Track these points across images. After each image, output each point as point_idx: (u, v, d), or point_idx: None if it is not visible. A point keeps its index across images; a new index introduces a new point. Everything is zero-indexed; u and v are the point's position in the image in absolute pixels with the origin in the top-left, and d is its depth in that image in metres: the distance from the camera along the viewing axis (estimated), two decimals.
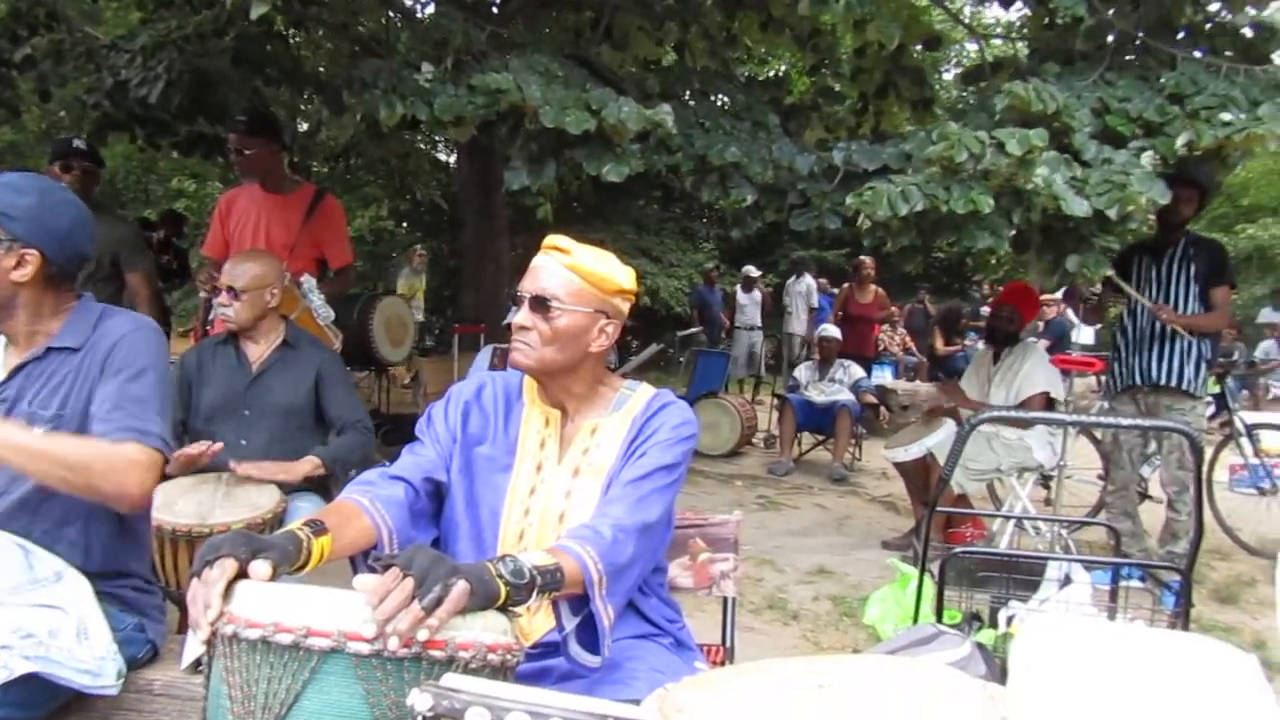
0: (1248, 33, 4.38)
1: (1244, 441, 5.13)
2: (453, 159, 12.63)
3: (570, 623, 1.43)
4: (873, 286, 8.85)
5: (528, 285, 1.61)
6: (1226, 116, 3.66)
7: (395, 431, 5.85)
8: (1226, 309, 4.38)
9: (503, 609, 1.23)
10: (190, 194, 14.75)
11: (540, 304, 1.59)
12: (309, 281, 3.53)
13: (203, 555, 1.18)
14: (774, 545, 4.97)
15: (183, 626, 2.19)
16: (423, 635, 1.09)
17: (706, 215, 15.75)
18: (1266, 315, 12.33)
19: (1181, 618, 2.01)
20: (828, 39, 5.55)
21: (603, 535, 1.43)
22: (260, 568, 1.17)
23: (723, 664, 1.98)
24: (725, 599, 2.07)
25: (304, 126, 8.16)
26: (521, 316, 1.59)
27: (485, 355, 5.57)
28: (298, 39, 7.36)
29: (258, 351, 2.84)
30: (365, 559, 1.48)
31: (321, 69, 7.36)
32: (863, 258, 8.80)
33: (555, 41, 4.85)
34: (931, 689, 1.07)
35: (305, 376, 2.82)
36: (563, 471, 1.64)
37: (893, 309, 10.71)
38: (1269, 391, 10.71)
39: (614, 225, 13.98)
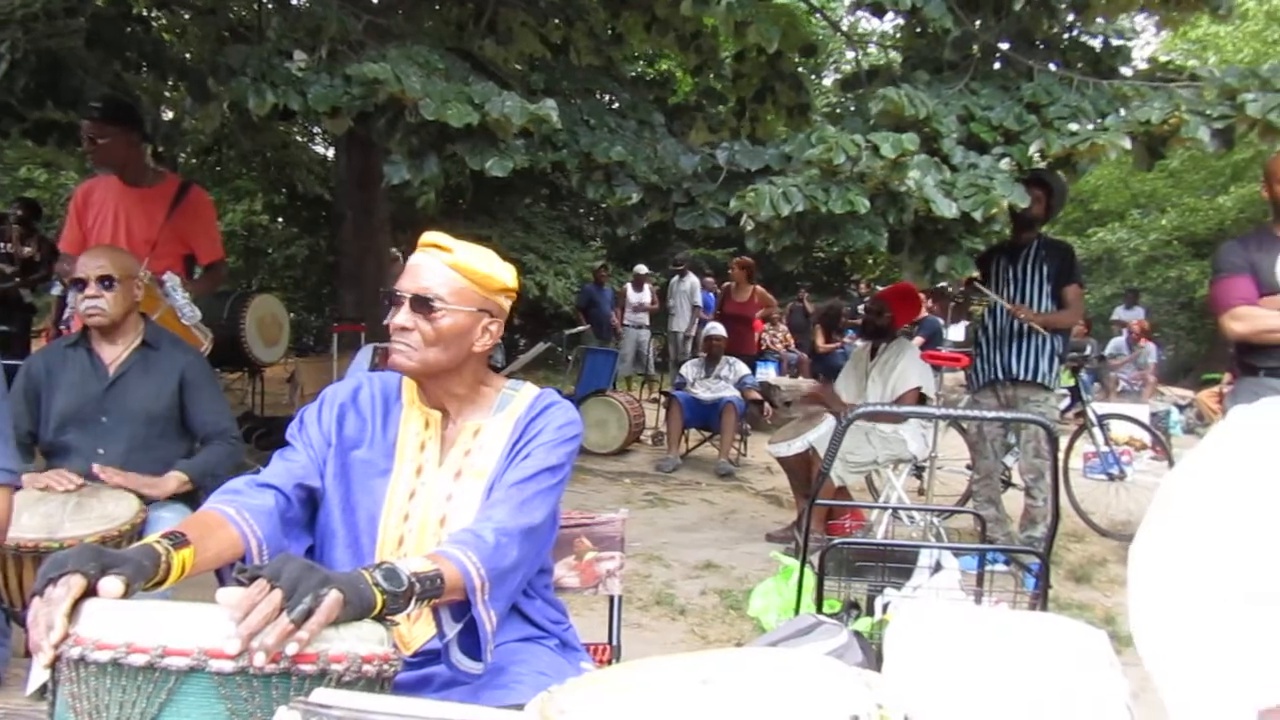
0: (1097, 46, 4.69)
1: (1096, 431, 5.48)
2: (331, 152, 12.22)
3: (451, 629, 1.40)
4: (751, 285, 9.03)
5: (407, 284, 1.56)
6: (1074, 126, 3.90)
7: (269, 435, 5.61)
8: (1078, 306, 4.67)
9: (380, 618, 1.19)
10: (42, 184, 13.76)
11: (422, 304, 1.54)
12: (172, 280, 3.33)
13: (44, 572, 1.10)
14: (662, 541, 5.02)
15: (30, 650, 2.04)
16: (292, 649, 1.04)
17: (594, 213, 15.78)
18: (1118, 313, 13.23)
19: (1040, 599, 2.13)
20: (710, 41, 5.63)
21: (485, 539, 1.40)
22: (111, 584, 1.09)
23: (610, 663, 1.98)
24: (611, 597, 2.07)
25: (169, 115, 7.73)
26: (402, 317, 1.54)
27: (365, 355, 5.40)
28: (161, 21, 6.96)
29: (114, 353, 2.66)
30: (232, 571, 1.41)
31: (189, 55, 6.99)
32: (740, 257, 8.98)
33: (437, 34, 4.75)
34: (809, 679, 1.10)
35: (168, 380, 2.66)
36: (444, 474, 1.60)
37: (774, 307, 10.96)
38: (1119, 384, 11.50)
39: (500, 222, 13.83)
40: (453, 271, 1.56)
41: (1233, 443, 1.41)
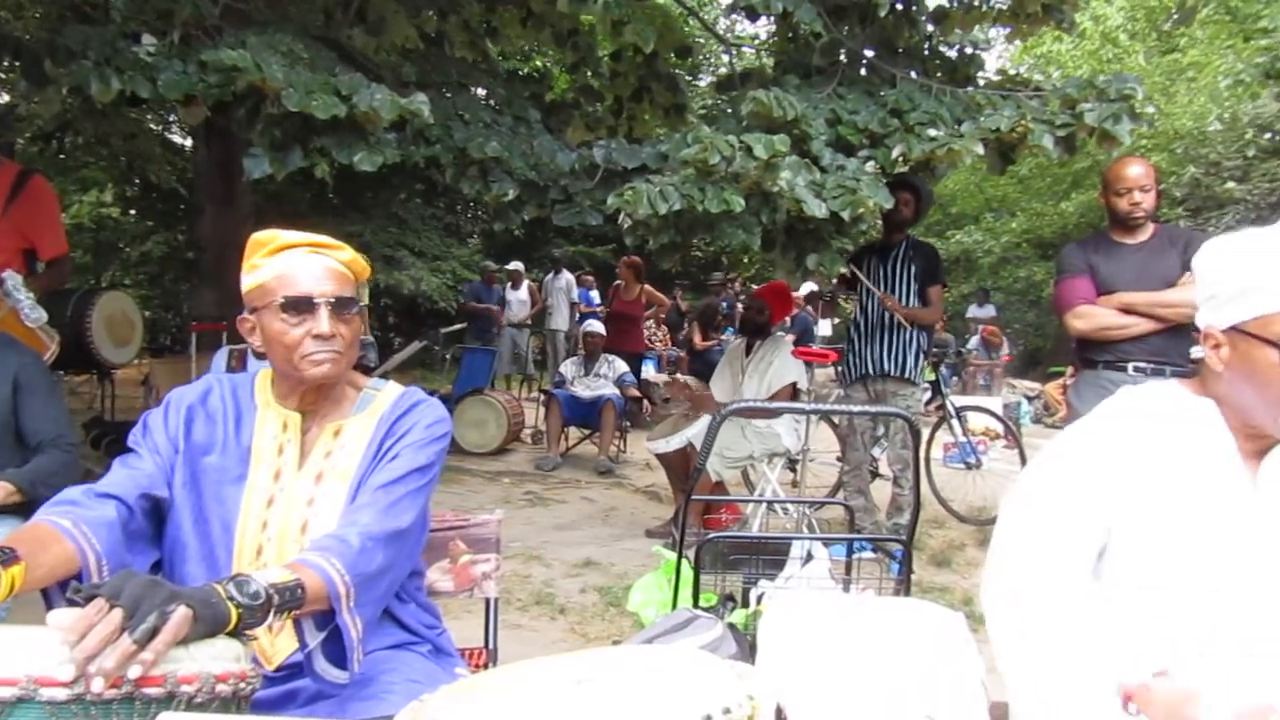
0: (954, 56, 4.94)
1: (954, 423, 5.77)
2: (189, 142, 11.56)
3: (314, 639, 1.34)
4: (639, 284, 9.09)
5: (318, 288, 1.50)
6: (933, 132, 4.09)
7: (120, 442, 5.25)
8: (939, 305, 4.91)
9: (236, 633, 1.13)
10: None
11: (344, 307, 1.51)
12: (13, 278, 3.06)
13: None
14: (542, 540, 4.98)
15: None
16: (134, 672, 0.97)
17: (471, 210, 15.52)
18: (973, 311, 14.00)
19: (904, 584, 2.23)
20: (587, 39, 5.63)
21: (349, 544, 1.35)
22: None
23: (485, 667, 1.95)
24: (488, 600, 2.04)
25: (4, 98, 7.14)
26: (325, 324, 1.49)
27: (222, 357, 5.13)
28: None
29: None
30: (64, 592, 1.31)
31: (29, 35, 6.46)
32: (629, 257, 9.02)
33: (302, 21, 4.54)
34: (682, 674, 1.10)
35: (0, 385, 2.46)
36: (304, 478, 1.53)
37: (665, 306, 11.06)
38: (976, 378, 12.16)
39: (373, 218, 13.43)
40: (348, 270, 1.56)
41: (1097, 430, 1.50)
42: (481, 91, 5.42)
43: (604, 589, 4.12)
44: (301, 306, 1.48)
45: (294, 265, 1.51)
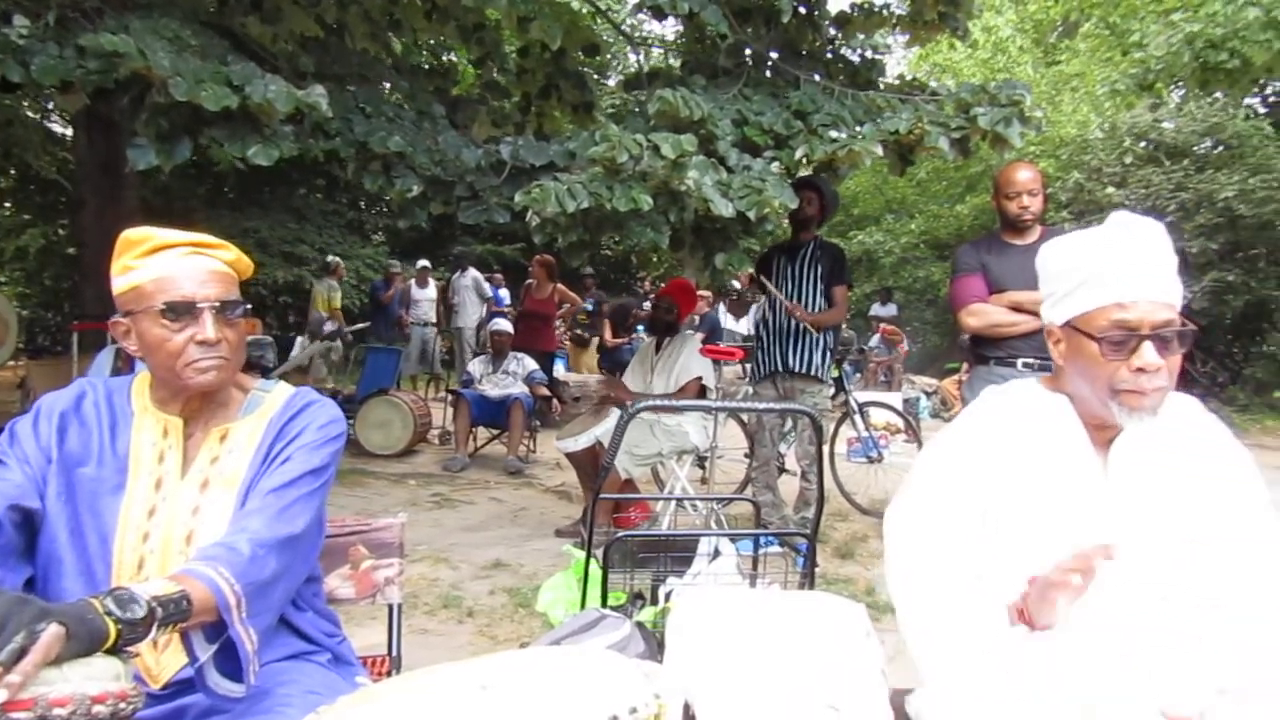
0: (855, 60, 5.07)
1: (857, 418, 5.93)
2: (70, 130, 10.93)
3: (204, 652, 1.28)
4: (552, 283, 9.03)
5: (201, 292, 1.43)
6: (835, 133, 4.19)
7: None
8: (844, 305, 5.01)
9: (115, 650, 1.07)
10: None
11: (229, 311, 1.45)
12: None
13: None
14: (449, 543, 4.90)
15: None
16: (0, 696, 0.90)
17: (375, 206, 15.16)
18: (875, 310, 14.42)
19: (808, 577, 2.27)
20: (493, 34, 5.55)
21: (239, 552, 1.29)
22: None
23: (389, 675, 1.90)
24: (391, 606, 1.99)
25: None
26: (211, 329, 1.42)
27: (107, 357, 4.86)
28: None
29: None
30: None
31: None
32: (541, 255, 8.95)
33: (191, 6, 4.34)
34: (588, 676, 1.09)
35: None
36: (188, 486, 1.46)
37: (578, 305, 11.00)
38: (877, 375, 12.52)
39: (271, 213, 12.97)
40: (232, 271, 1.50)
41: (969, 426, 1.58)
42: (385, 85, 5.29)
43: (513, 590, 4.07)
44: (183, 311, 1.41)
45: (173, 267, 1.43)
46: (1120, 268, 1.38)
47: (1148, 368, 1.36)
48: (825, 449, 5.88)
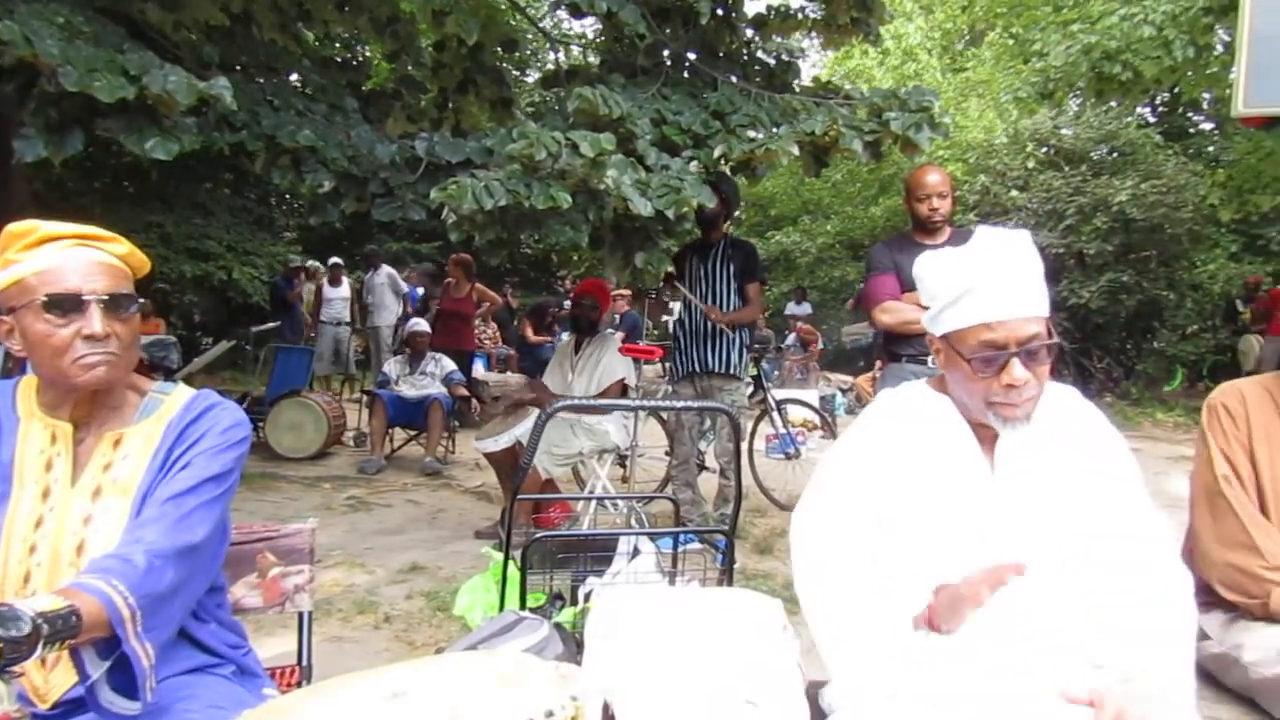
0: (771, 62, 5.14)
1: (775, 415, 6.01)
2: None
3: (97, 669, 1.22)
4: (470, 282, 8.91)
5: (88, 285, 1.36)
6: (752, 134, 4.24)
7: None
8: (758, 302, 5.08)
9: None
10: None
11: (119, 305, 1.38)
12: None
13: None
14: (365, 547, 4.79)
15: None
16: None
17: (285, 202, 14.71)
18: (791, 309, 14.67)
19: (727, 574, 2.29)
20: (408, 27, 5.44)
21: (134, 563, 1.23)
22: None
23: (298, 685, 1.84)
24: (301, 614, 1.92)
25: None
26: (98, 323, 1.35)
27: None
28: None
29: None
30: None
31: None
32: (459, 254, 8.82)
33: None
34: (503, 680, 1.08)
35: None
36: (79, 495, 1.39)
37: (496, 304, 10.88)
38: (793, 372, 12.74)
39: (176, 208, 12.46)
40: (123, 264, 1.43)
41: (866, 429, 1.63)
42: (294, 78, 5.14)
43: (431, 594, 4.00)
44: (68, 305, 1.34)
45: (58, 260, 1.36)
46: (986, 289, 1.43)
47: (1016, 383, 1.43)
48: (744, 446, 5.95)
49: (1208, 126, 15.25)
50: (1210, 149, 14.44)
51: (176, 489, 1.37)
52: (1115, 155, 11.90)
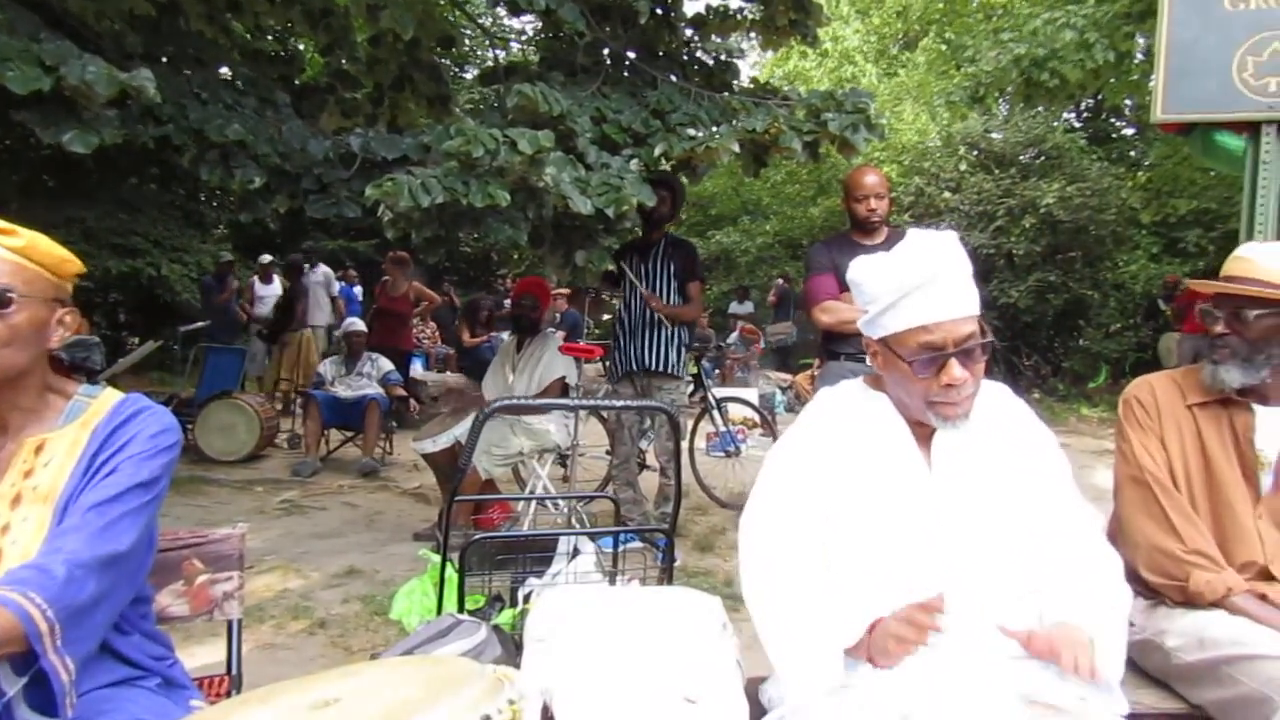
0: (711, 63, 5.16)
1: (716, 413, 6.05)
2: None
3: (12, 685, 1.17)
4: (407, 280, 8.78)
5: None
6: (693, 132, 4.25)
7: None
8: (699, 300, 5.10)
9: None
10: None
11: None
12: None
13: None
14: (300, 551, 4.68)
15: None
16: None
17: (216, 198, 14.30)
18: (733, 308, 14.79)
19: (667, 572, 2.29)
20: (341, 20, 5.32)
21: (53, 574, 1.18)
22: None
23: (228, 695, 1.78)
24: (230, 622, 1.87)
25: None
26: None
27: None
28: None
29: None
30: None
31: None
32: (396, 252, 8.68)
33: None
34: (439, 686, 1.06)
35: None
36: None
37: (434, 302, 10.74)
38: (734, 371, 12.84)
39: (99, 204, 12.01)
40: (21, 258, 1.35)
41: (807, 428, 1.65)
42: (223, 70, 4.99)
43: (368, 598, 3.93)
44: None
45: None
46: (922, 293, 1.46)
47: (955, 382, 1.46)
48: (685, 444, 5.98)
49: (1129, 132, 15.79)
50: (1132, 154, 14.98)
51: (101, 496, 1.31)
52: (1043, 159, 12.26)
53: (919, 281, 1.45)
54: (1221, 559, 1.83)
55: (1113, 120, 16.01)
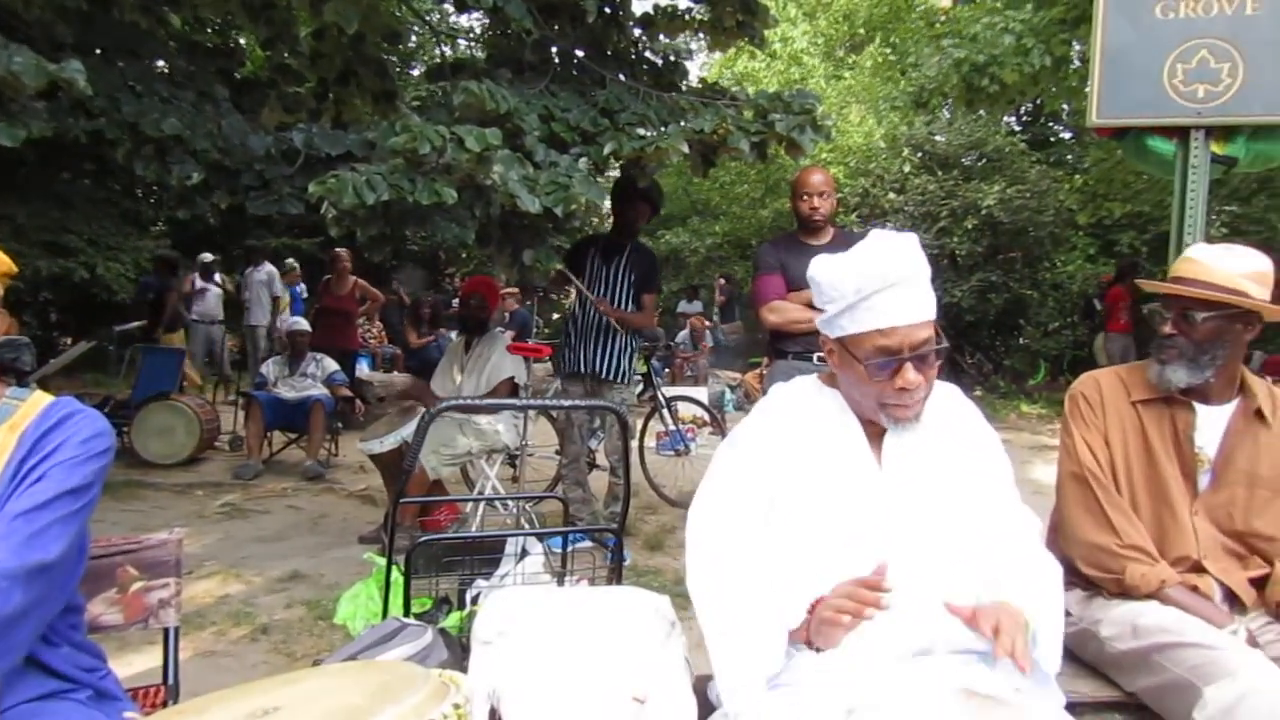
0: (659, 62, 5.17)
1: (665, 413, 6.07)
2: None
3: None
4: (351, 278, 8.64)
5: None
6: (642, 131, 4.25)
7: None
8: (651, 312, 5.08)
9: None
10: None
11: None
12: None
13: None
14: (241, 555, 4.58)
15: None
16: None
17: (154, 194, 13.91)
18: (682, 307, 14.85)
19: (616, 572, 2.28)
20: (283, 13, 5.20)
21: None
22: None
23: (163, 706, 1.73)
24: (167, 630, 1.82)
25: None
26: None
27: None
28: None
29: None
30: None
31: None
32: (338, 249, 8.54)
33: None
34: (382, 692, 1.04)
35: None
36: None
37: (379, 301, 10.58)
38: (684, 370, 12.88)
39: (30, 200, 11.59)
40: None
41: (758, 423, 1.66)
42: (160, 63, 4.85)
43: (312, 602, 3.86)
44: None
45: None
46: (881, 297, 1.47)
47: (909, 386, 1.48)
48: (634, 443, 5.98)
49: (1067, 136, 16.20)
50: (1069, 157, 15.36)
51: (29, 504, 1.26)
52: (984, 161, 12.53)
53: (878, 285, 1.46)
54: (1156, 553, 1.88)
55: (1051, 124, 16.41)
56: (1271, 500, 1.87)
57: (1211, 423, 1.92)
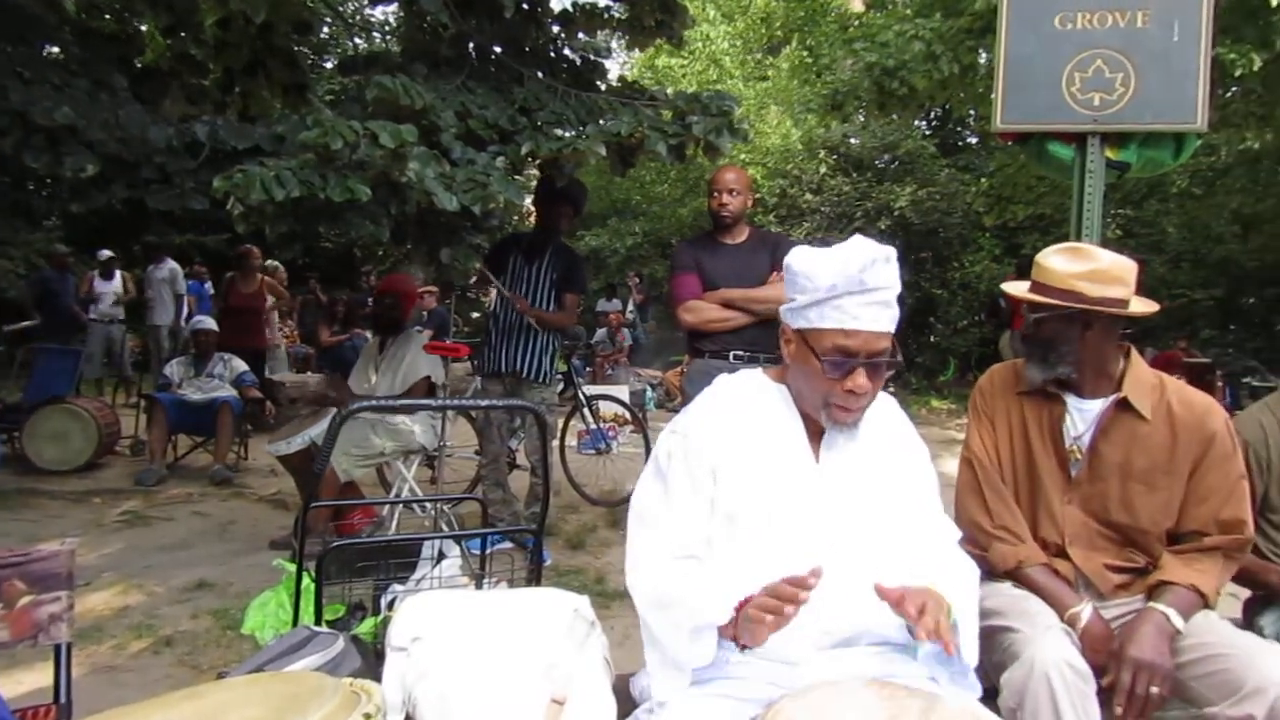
0: (578, 61, 5.15)
1: (586, 411, 6.05)
2: None
3: None
4: (259, 275, 8.37)
5: None
6: (560, 131, 4.22)
7: None
8: (572, 312, 5.06)
9: None
10: None
11: None
12: None
13: None
14: (143, 565, 4.39)
15: None
16: None
17: (46, 187, 13.21)
18: (602, 305, 14.84)
19: (535, 573, 2.26)
20: (185, 1, 5.00)
21: None
22: None
23: None
24: (58, 646, 1.73)
25: None
26: None
27: None
28: None
29: None
30: None
31: None
32: (248, 246, 8.25)
33: None
34: (285, 704, 1.00)
35: None
36: None
37: (286, 298, 10.27)
38: (604, 368, 12.88)
39: None
40: None
41: (702, 413, 1.66)
42: (52, 49, 4.61)
43: (219, 612, 3.72)
44: None
45: None
46: (851, 299, 1.49)
47: (858, 390, 1.51)
48: (555, 443, 5.95)
49: (974, 140, 16.77)
50: (976, 161, 15.93)
51: None
52: (896, 164, 12.89)
53: (852, 288, 1.48)
54: (1026, 535, 1.99)
55: (959, 129, 16.97)
56: (1145, 494, 1.95)
57: (1085, 416, 2.02)
